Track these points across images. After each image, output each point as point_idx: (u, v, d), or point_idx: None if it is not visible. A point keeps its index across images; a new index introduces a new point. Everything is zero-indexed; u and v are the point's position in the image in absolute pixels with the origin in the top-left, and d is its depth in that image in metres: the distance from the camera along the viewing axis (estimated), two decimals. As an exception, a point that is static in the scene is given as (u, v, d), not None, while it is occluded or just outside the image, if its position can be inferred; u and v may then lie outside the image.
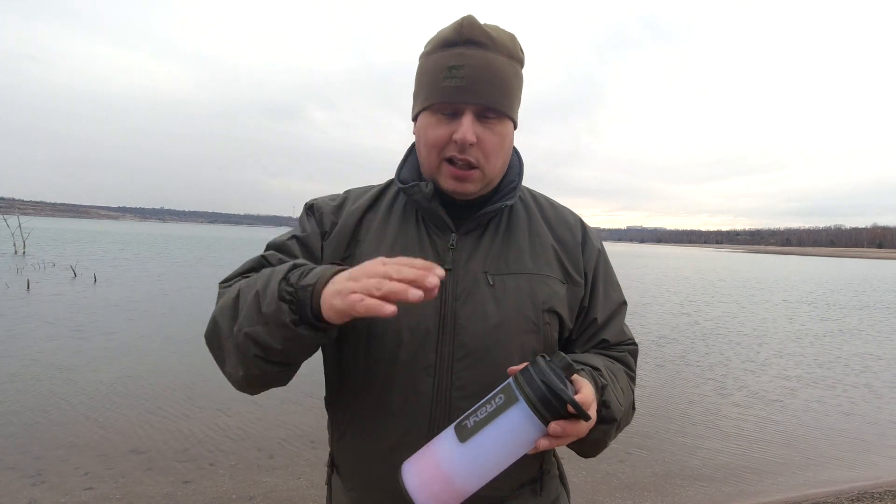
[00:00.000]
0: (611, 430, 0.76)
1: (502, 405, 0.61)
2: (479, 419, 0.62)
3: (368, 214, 0.87)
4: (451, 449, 0.62)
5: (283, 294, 0.63)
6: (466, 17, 0.76)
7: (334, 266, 0.65)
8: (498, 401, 0.62)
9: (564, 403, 0.60)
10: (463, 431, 0.62)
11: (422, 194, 0.81)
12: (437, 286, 0.57)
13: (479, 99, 0.75)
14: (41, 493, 2.84)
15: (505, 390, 0.63)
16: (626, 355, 0.87)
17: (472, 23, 0.75)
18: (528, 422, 0.61)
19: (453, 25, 0.77)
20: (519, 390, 0.61)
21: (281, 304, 0.62)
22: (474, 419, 0.62)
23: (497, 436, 0.61)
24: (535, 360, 0.64)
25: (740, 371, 6.28)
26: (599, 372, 0.76)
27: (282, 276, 0.64)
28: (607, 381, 0.75)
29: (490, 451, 0.61)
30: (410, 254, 0.80)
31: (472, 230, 0.83)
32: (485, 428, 0.61)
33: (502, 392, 0.63)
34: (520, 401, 0.61)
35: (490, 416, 0.61)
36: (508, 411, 0.61)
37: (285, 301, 0.62)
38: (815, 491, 3.33)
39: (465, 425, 0.63)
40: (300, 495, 2.96)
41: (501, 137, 0.79)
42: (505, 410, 0.61)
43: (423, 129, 0.80)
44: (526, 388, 0.61)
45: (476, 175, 0.78)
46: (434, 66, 0.77)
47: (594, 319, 0.86)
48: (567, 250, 0.87)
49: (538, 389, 0.60)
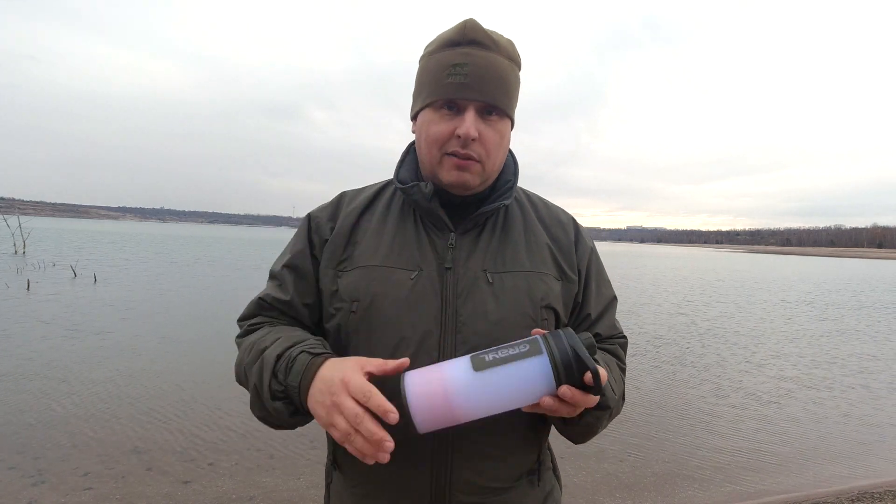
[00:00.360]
0: (603, 417, 0.79)
1: (525, 353, 0.64)
2: (498, 357, 0.64)
3: (365, 215, 0.89)
4: (463, 373, 0.64)
5: (276, 394, 0.72)
6: (469, 20, 0.79)
7: (310, 357, 0.71)
8: (522, 348, 0.64)
9: (583, 372, 0.63)
10: (479, 362, 0.64)
11: (421, 194, 0.82)
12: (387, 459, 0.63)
13: (483, 96, 0.77)
14: (41, 493, 2.84)
15: (531, 342, 0.65)
16: (616, 348, 0.90)
17: (475, 25, 0.78)
18: (544, 376, 0.63)
19: (456, 27, 0.79)
20: (545, 345, 0.64)
21: (275, 404, 0.72)
22: (493, 355, 0.64)
23: (510, 377, 0.63)
24: (566, 327, 0.67)
25: (739, 372, 6.28)
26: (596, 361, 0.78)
27: (270, 373, 0.73)
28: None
29: (498, 388, 0.63)
30: (409, 254, 0.83)
31: (469, 229, 0.85)
32: (502, 366, 0.63)
33: (528, 343, 0.65)
34: (543, 354, 0.63)
35: (510, 358, 0.64)
36: (529, 360, 0.63)
37: (279, 399, 0.72)
38: (815, 491, 3.33)
39: (482, 357, 0.64)
40: (300, 495, 2.96)
41: (501, 135, 0.82)
42: (526, 358, 0.63)
43: (424, 125, 0.81)
44: (553, 345, 0.64)
45: (476, 167, 0.80)
46: (437, 64, 0.79)
47: (588, 315, 0.89)
48: (561, 248, 0.89)
49: (564, 351, 0.63)
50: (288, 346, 0.74)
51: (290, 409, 0.73)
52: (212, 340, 6.67)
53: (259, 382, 0.74)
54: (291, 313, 0.86)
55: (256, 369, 0.75)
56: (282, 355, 0.73)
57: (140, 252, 23.62)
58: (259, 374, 0.74)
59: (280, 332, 0.80)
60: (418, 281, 0.80)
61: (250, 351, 0.79)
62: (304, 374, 0.70)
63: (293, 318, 0.87)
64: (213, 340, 6.67)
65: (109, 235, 44.75)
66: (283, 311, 0.86)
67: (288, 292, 0.86)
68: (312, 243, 0.88)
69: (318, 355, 0.72)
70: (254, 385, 0.75)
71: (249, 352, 0.79)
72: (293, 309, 0.86)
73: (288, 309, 0.86)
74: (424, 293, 0.79)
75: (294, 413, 0.74)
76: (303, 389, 0.69)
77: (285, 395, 0.72)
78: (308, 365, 0.70)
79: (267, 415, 0.76)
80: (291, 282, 0.87)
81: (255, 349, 0.78)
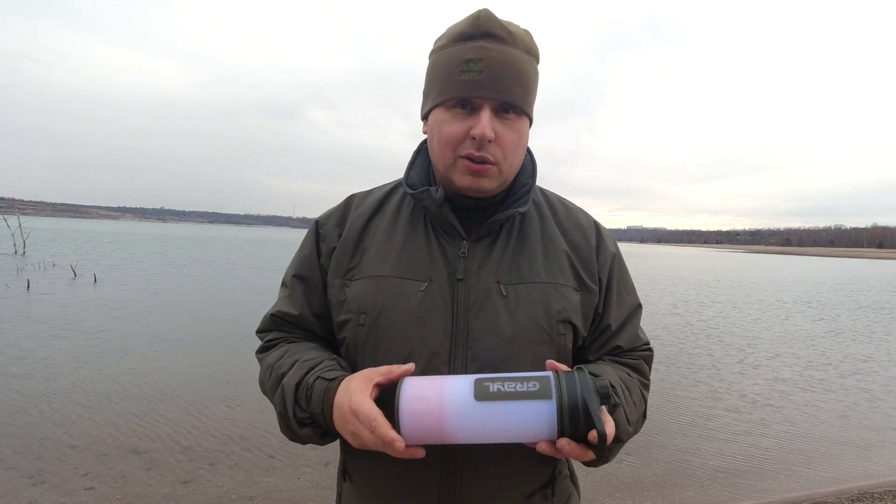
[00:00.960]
0: (617, 448, 0.75)
1: (533, 392, 0.60)
2: (504, 390, 0.60)
3: (374, 220, 0.85)
4: (462, 397, 0.61)
5: (303, 421, 0.73)
6: (483, 11, 0.73)
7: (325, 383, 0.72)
8: (531, 386, 0.60)
9: (589, 428, 0.58)
10: (482, 391, 0.60)
11: (432, 200, 0.77)
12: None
13: (499, 94, 0.72)
14: (41, 493, 2.84)
15: (542, 381, 0.61)
16: (640, 363, 0.85)
17: (490, 16, 0.72)
18: (547, 423, 0.59)
19: (469, 18, 0.73)
20: (556, 390, 0.59)
21: (305, 430, 0.74)
22: (499, 387, 0.61)
23: (510, 415, 0.60)
24: (583, 371, 0.61)
25: (739, 372, 6.28)
26: (614, 390, 0.73)
27: (293, 402, 0.73)
28: (620, 402, 0.74)
29: (495, 423, 0.60)
30: (419, 263, 0.78)
31: (483, 237, 0.80)
32: (504, 402, 0.59)
33: (538, 381, 0.61)
34: (552, 400, 0.59)
35: (516, 395, 0.60)
36: (536, 402, 0.59)
37: (307, 426, 0.73)
38: (815, 491, 3.33)
39: (486, 386, 0.61)
40: (300, 495, 2.96)
41: (519, 135, 0.76)
42: (533, 399, 0.59)
43: (436, 125, 0.76)
44: (564, 392, 0.59)
45: (493, 171, 0.75)
46: (449, 59, 0.74)
47: (608, 326, 0.83)
48: (581, 256, 0.83)
49: (574, 401, 0.58)
50: (304, 373, 0.74)
51: (319, 431, 0.74)
52: (212, 340, 6.66)
53: (284, 412, 0.75)
54: (304, 326, 0.85)
55: (279, 398, 0.76)
56: (300, 384, 0.73)
57: (141, 252, 23.60)
58: (282, 403, 0.75)
59: (295, 354, 0.79)
60: (428, 293, 0.76)
61: (270, 374, 0.79)
62: (324, 401, 0.70)
63: (306, 330, 0.85)
64: (213, 340, 6.67)
65: (109, 235, 44.75)
66: (295, 324, 0.85)
67: (297, 306, 0.84)
68: (320, 251, 0.85)
69: (333, 379, 0.71)
70: (280, 414, 0.76)
71: (269, 375, 0.80)
72: (305, 322, 0.84)
73: (300, 322, 0.84)
74: (434, 306, 0.75)
75: (324, 435, 0.74)
76: (326, 415, 0.70)
77: (312, 420, 0.73)
78: (325, 392, 0.71)
79: (298, 439, 0.77)
80: (301, 293, 0.85)
81: (275, 375, 0.78)
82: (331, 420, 0.69)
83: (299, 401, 0.73)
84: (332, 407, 0.69)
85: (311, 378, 0.72)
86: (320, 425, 0.72)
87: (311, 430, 0.73)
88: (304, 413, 0.73)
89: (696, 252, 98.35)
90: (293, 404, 0.73)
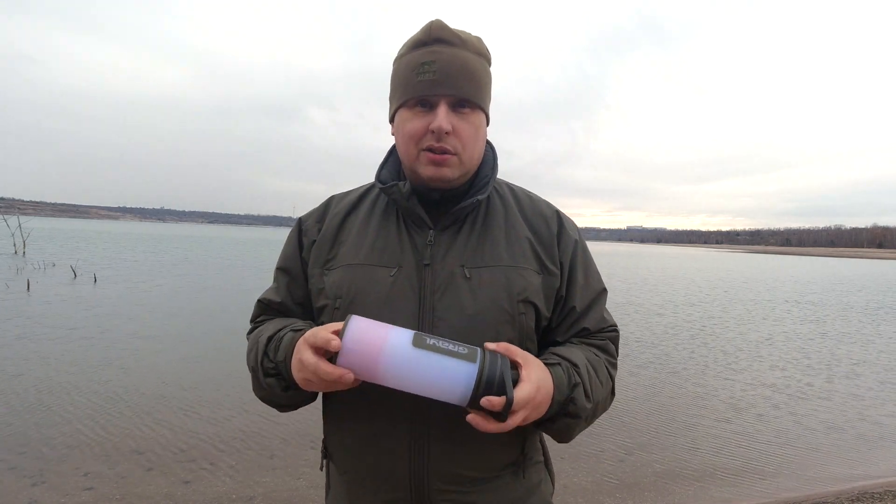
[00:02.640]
0: (576, 423, 0.81)
1: (462, 354, 0.68)
2: (438, 345, 0.69)
3: (350, 217, 0.92)
4: (401, 343, 0.68)
5: (269, 371, 0.81)
6: (434, 21, 0.82)
7: (294, 334, 0.80)
8: (461, 350, 0.69)
9: (498, 396, 0.66)
10: (420, 341, 0.69)
11: (400, 193, 0.85)
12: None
13: (453, 91, 0.79)
14: (41, 493, 2.84)
15: (472, 349, 0.70)
16: (607, 343, 0.90)
17: (441, 25, 0.81)
18: (464, 384, 0.67)
19: (422, 29, 0.82)
20: (480, 360, 0.68)
21: (269, 380, 0.81)
22: (435, 342, 0.69)
23: (437, 367, 0.68)
24: (505, 357, 0.71)
25: (740, 372, 6.28)
26: (577, 369, 0.80)
27: (262, 353, 0.82)
28: (581, 380, 0.79)
29: (423, 371, 0.68)
30: (390, 252, 0.85)
31: (449, 226, 0.87)
32: (436, 354, 0.68)
33: (469, 348, 0.70)
34: (475, 364, 0.68)
35: (447, 352, 0.68)
36: (461, 362, 0.68)
37: (271, 376, 0.81)
38: (815, 491, 3.33)
39: (425, 339, 0.69)
40: (300, 495, 2.96)
41: (476, 127, 0.83)
42: (459, 359, 0.68)
43: (400, 124, 0.84)
44: (487, 362, 0.68)
45: (453, 160, 0.82)
46: (407, 65, 0.82)
47: (573, 308, 0.88)
48: (542, 241, 0.89)
49: (493, 372, 0.67)
50: (277, 328, 0.84)
51: (283, 384, 0.80)
52: (212, 341, 6.67)
53: (255, 364, 0.83)
54: (287, 313, 0.93)
55: (253, 354, 0.85)
56: (272, 337, 0.82)
57: (140, 252, 23.60)
58: (255, 356, 0.84)
59: (275, 321, 0.89)
60: (397, 278, 0.82)
61: (251, 342, 0.89)
62: (289, 349, 0.78)
63: (289, 316, 0.93)
64: (213, 341, 6.67)
65: (109, 235, 44.75)
66: (279, 311, 0.94)
67: (280, 295, 0.93)
68: (302, 245, 0.93)
69: (300, 330, 0.79)
70: (251, 367, 0.85)
71: (250, 342, 0.90)
72: (287, 309, 0.93)
73: (282, 309, 0.93)
74: (403, 290, 0.82)
75: (286, 388, 0.81)
76: (288, 363, 0.77)
77: (277, 371, 0.80)
78: (292, 340, 0.78)
79: (265, 393, 0.84)
80: (284, 284, 0.94)
81: (254, 338, 0.88)
82: (290, 370, 0.77)
83: (268, 352, 0.81)
84: (290, 359, 0.77)
85: (283, 332, 0.81)
86: (284, 377, 0.79)
87: (275, 380, 0.80)
88: (270, 363, 0.81)
89: (696, 252, 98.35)
90: (262, 355, 0.82)
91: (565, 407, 0.77)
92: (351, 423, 0.85)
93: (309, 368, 0.70)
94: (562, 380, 0.77)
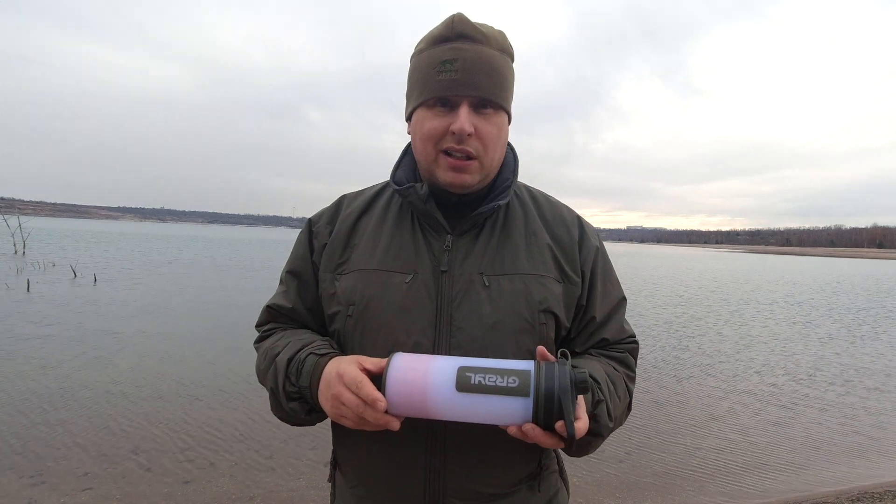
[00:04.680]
0: (596, 441, 0.78)
1: (512, 389, 0.62)
2: (484, 384, 0.63)
3: (363, 218, 0.88)
4: (443, 383, 0.64)
5: (291, 395, 0.77)
6: (457, 14, 0.77)
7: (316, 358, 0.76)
8: (511, 382, 0.62)
9: (558, 421, 0.61)
10: (464, 382, 0.63)
11: (417, 196, 0.81)
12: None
13: (476, 91, 0.75)
14: (41, 493, 2.84)
15: (523, 377, 0.62)
16: (626, 356, 0.87)
17: (463, 19, 0.76)
18: (522, 415, 0.62)
19: (444, 23, 0.78)
20: (535, 388, 0.62)
21: (292, 405, 0.77)
22: (480, 379, 0.63)
23: (488, 407, 0.63)
24: (564, 364, 0.63)
25: (738, 372, 6.28)
26: (599, 386, 0.76)
27: (283, 376, 0.77)
28: (604, 397, 0.76)
29: (473, 412, 0.64)
30: (405, 257, 0.81)
31: (467, 231, 0.83)
32: (483, 395, 0.62)
33: (519, 376, 0.63)
34: (529, 398, 0.61)
35: (495, 390, 0.62)
36: (513, 398, 0.62)
37: (294, 400, 0.77)
38: (815, 491, 3.33)
39: (468, 377, 0.63)
40: (300, 495, 2.96)
41: (498, 129, 0.79)
42: (511, 395, 0.62)
43: (418, 123, 0.80)
44: (542, 389, 0.61)
45: (474, 166, 0.78)
46: (427, 62, 0.77)
47: (592, 317, 0.85)
48: (563, 249, 0.85)
49: (550, 398, 0.61)
50: (297, 349, 0.78)
51: (306, 408, 0.77)
52: (212, 341, 6.66)
53: (275, 386, 0.79)
54: (298, 319, 0.89)
55: (272, 374, 0.80)
56: (292, 359, 0.77)
57: (140, 252, 23.61)
58: (274, 378, 0.79)
59: (290, 336, 0.84)
60: (413, 285, 0.79)
61: (265, 357, 0.83)
62: (313, 375, 0.74)
63: (300, 323, 0.89)
64: (213, 341, 6.66)
65: (109, 235, 44.74)
66: (289, 317, 0.89)
67: (291, 300, 0.89)
68: (313, 248, 0.89)
69: (324, 355, 0.75)
70: (271, 389, 0.81)
71: (265, 358, 0.84)
72: (298, 315, 0.89)
73: (293, 315, 0.89)
74: (419, 297, 0.78)
75: (310, 412, 0.78)
76: (313, 389, 0.73)
77: (300, 395, 0.76)
78: (315, 365, 0.74)
79: (286, 416, 0.81)
80: (294, 288, 0.89)
81: (269, 355, 0.82)
82: (316, 394, 0.73)
83: (290, 375, 0.77)
84: (318, 381, 0.73)
85: (304, 354, 0.77)
86: (307, 401, 0.76)
87: (298, 404, 0.77)
88: (293, 387, 0.76)
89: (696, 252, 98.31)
90: (284, 378, 0.77)
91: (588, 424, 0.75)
92: (363, 435, 0.79)
93: (353, 410, 0.66)
94: (586, 397, 0.73)
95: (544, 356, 0.66)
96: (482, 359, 0.67)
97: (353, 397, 0.66)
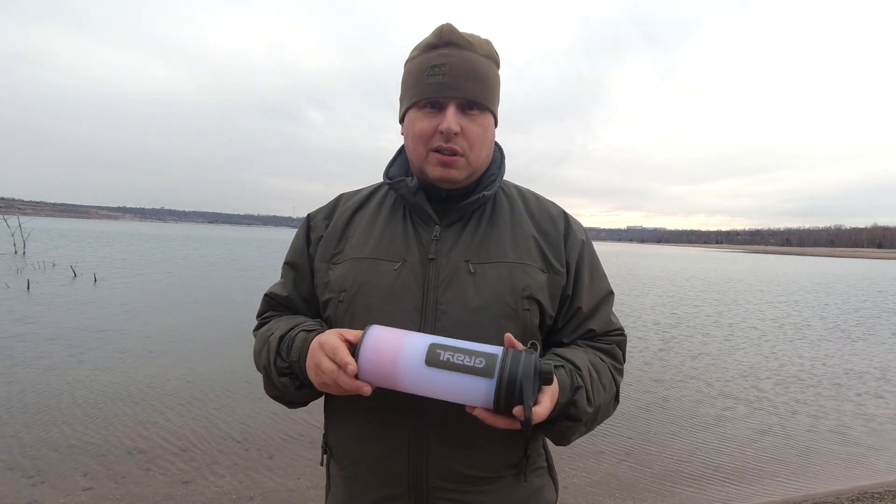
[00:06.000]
0: (576, 427, 0.80)
1: (477, 370, 0.66)
2: (452, 362, 0.67)
3: (358, 213, 0.94)
4: (414, 356, 0.68)
5: (282, 371, 0.82)
6: (445, 25, 0.84)
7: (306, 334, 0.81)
8: (478, 363, 0.66)
9: (517, 406, 0.64)
10: (433, 358, 0.67)
11: (407, 188, 0.87)
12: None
13: (462, 93, 0.81)
14: (41, 493, 2.84)
15: (489, 359, 0.67)
16: (613, 347, 0.90)
17: (451, 28, 0.83)
18: (484, 395, 0.66)
19: (434, 32, 0.85)
20: (499, 369, 0.65)
21: (282, 380, 0.82)
22: (449, 356, 0.67)
23: (453, 384, 0.67)
24: (529, 354, 0.67)
25: (738, 372, 6.28)
26: (580, 372, 0.80)
27: (275, 352, 0.82)
28: (583, 384, 0.79)
29: (438, 387, 0.68)
30: (395, 246, 0.87)
31: (455, 222, 0.88)
32: (450, 371, 0.67)
33: (486, 358, 0.67)
34: (492, 379, 0.65)
35: (461, 369, 0.66)
36: (477, 378, 0.66)
37: (285, 375, 0.82)
38: (815, 491, 3.33)
39: (438, 353, 0.68)
40: (300, 495, 2.96)
41: (484, 128, 0.85)
42: (475, 375, 0.66)
43: (410, 124, 0.86)
44: (506, 372, 0.65)
45: (461, 162, 0.84)
46: (419, 67, 0.84)
47: (579, 308, 0.88)
48: (549, 241, 0.89)
49: (513, 382, 0.64)
50: (289, 328, 0.84)
51: (296, 383, 0.81)
52: (212, 340, 6.67)
53: (267, 363, 0.84)
54: (293, 307, 0.95)
55: (265, 353, 0.85)
56: (284, 336, 0.83)
57: (141, 252, 23.60)
58: (267, 356, 0.84)
59: (284, 319, 0.90)
60: (401, 272, 0.83)
61: (260, 340, 0.89)
62: (302, 350, 0.79)
63: (296, 311, 0.95)
64: (213, 340, 6.67)
65: (109, 235, 44.74)
66: (285, 305, 0.95)
67: (287, 289, 0.95)
68: (309, 241, 0.95)
69: (312, 331, 0.81)
70: (264, 366, 0.85)
71: (259, 340, 0.90)
72: (293, 304, 0.94)
73: (289, 304, 0.95)
74: (407, 283, 0.83)
75: (300, 387, 0.82)
76: (302, 363, 0.78)
77: (290, 370, 0.81)
78: (304, 342, 0.79)
79: (278, 392, 0.85)
80: (291, 278, 0.95)
81: (263, 337, 0.88)
82: (304, 370, 0.77)
83: (280, 351, 0.82)
84: (306, 357, 0.77)
85: (295, 332, 0.82)
86: (297, 376, 0.80)
87: (288, 379, 0.81)
88: (283, 363, 0.81)
89: (696, 252, 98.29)
90: (275, 354, 0.82)
91: (566, 410, 0.77)
92: (352, 416, 0.85)
93: (328, 376, 0.71)
94: (564, 382, 0.76)
95: (512, 343, 0.70)
96: (455, 339, 0.70)
97: (330, 363, 0.70)
